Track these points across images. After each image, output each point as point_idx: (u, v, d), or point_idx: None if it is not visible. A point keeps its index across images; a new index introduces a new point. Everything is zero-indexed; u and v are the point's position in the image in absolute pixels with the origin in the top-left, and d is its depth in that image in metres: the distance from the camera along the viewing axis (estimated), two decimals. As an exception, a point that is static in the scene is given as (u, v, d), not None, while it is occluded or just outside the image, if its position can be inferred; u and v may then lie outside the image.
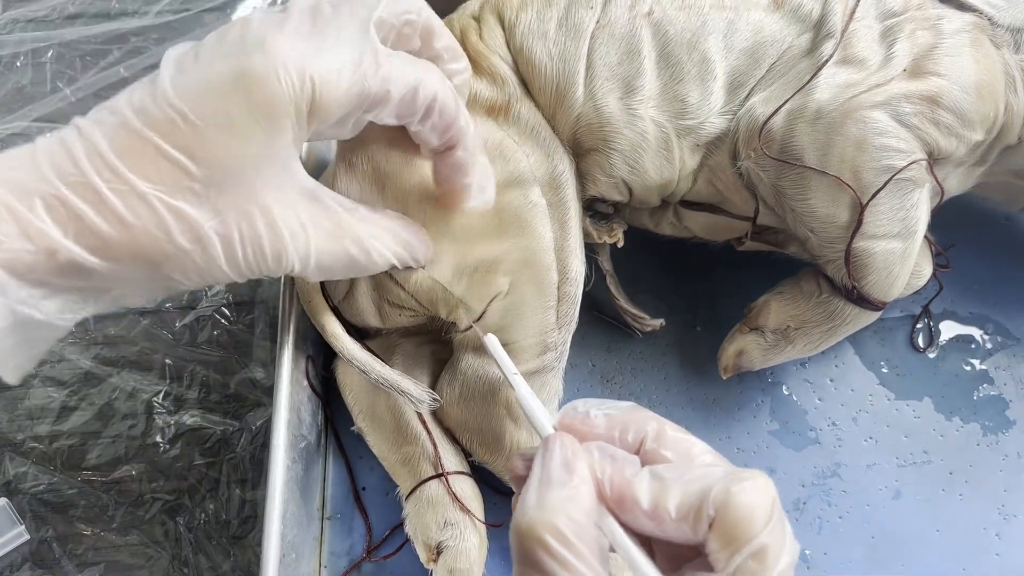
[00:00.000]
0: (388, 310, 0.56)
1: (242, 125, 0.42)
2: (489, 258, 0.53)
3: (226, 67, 0.42)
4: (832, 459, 0.61)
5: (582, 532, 0.35)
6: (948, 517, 0.59)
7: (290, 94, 0.42)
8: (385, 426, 0.58)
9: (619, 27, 0.55)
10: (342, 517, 0.60)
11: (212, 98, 0.42)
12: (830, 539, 0.59)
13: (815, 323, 0.57)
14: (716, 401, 0.62)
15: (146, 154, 0.42)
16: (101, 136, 0.42)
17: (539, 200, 0.54)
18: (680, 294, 0.66)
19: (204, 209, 0.43)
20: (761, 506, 0.35)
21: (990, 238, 0.67)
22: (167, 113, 0.42)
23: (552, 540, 0.35)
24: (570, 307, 0.55)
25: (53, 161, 0.41)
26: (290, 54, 0.42)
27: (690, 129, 0.55)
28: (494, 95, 0.55)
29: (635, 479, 0.37)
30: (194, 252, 0.43)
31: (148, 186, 0.42)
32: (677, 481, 0.36)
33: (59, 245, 0.40)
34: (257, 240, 0.44)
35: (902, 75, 0.53)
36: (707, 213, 0.59)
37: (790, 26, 0.55)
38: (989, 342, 0.64)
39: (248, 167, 0.43)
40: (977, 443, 0.61)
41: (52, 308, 0.42)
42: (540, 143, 0.55)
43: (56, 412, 0.65)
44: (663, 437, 0.39)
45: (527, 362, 0.54)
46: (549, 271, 0.54)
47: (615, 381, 0.63)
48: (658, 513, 0.36)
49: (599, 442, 0.39)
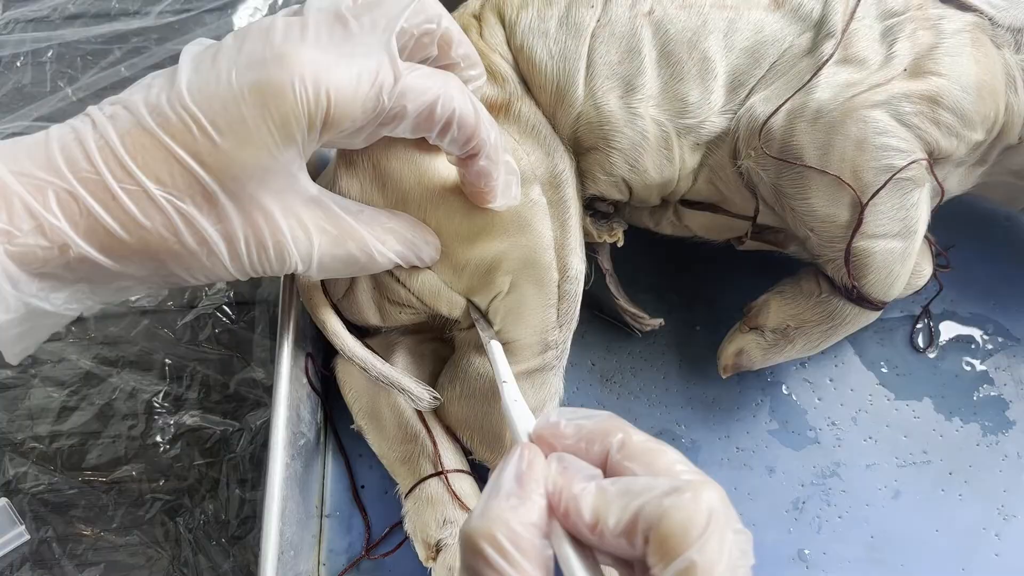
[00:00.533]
0: (389, 308, 0.56)
1: (255, 135, 0.43)
2: (489, 257, 0.53)
3: (244, 77, 0.42)
4: (831, 459, 0.61)
5: (521, 542, 0.35)
6: (947, 517, 0.59)
7: (305, 109, 0.43)
8: (385, 424, 0.58)
9: (620, 26, 0.55)
10: (341, 515, 0.60)
11: (227, 106, 0.42)
12: (829, 538, 0.58)
13: (815, 323, 0.57)
14: (716, 400, 0.62)
15: (158, 156, 0.42)
16: (115, 133, 0.42)
17: (539, 198, 0.54)
18: (680, 293, 0.66)
19: (212, 213, 0.43)
20: (693, 520, 0.34)
21: (991, 239, 0.67)
22: (181, 116, 0.42)
23: (489, 548, 0.35)
24: (571, 305, 0.55)
25: (67, 154, 0.42)
26: (308, 67, 0.42)
27: (690, 128, 0.55)
28: (494, 93, 0.56)
29: (581, 493, 0.36)
30: (200, 253, 0.44)
31: (159, 188, 0.42)
32: (621, 495, 0.35)
33: (71, 242, 0.41)
34: (262, 244, 0.45)
35: (903, 75, 0.53)
36: (707, 212, 0.59)
37: (791, 25, 0.55)
38: (989, 343, 0.64)
39: (257, 175, 0.44)
40: (977, 443, 0.61)
41: (60, 300, 0.43)
42: (540, 141, 0.55)
43: (56, 412, 0.65)
44: (627, 447, 0.38)
45: (528, 360, 0.55)
46: (549, 269, 0.54)
47: (614, 380, 0.63)
48: (599, 528, 0.35)
49: (561, 454, 0.39)
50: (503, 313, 0.54)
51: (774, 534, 0.58)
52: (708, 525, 0.34)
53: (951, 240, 0.65)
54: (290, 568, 0.53)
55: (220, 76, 0.43)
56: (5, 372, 0.66)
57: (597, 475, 0.37)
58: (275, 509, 0.51)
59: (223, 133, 0.42)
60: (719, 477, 0.58)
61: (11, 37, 0.78)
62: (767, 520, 0.59)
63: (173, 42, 0.78)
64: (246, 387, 0.65)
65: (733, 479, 0.60)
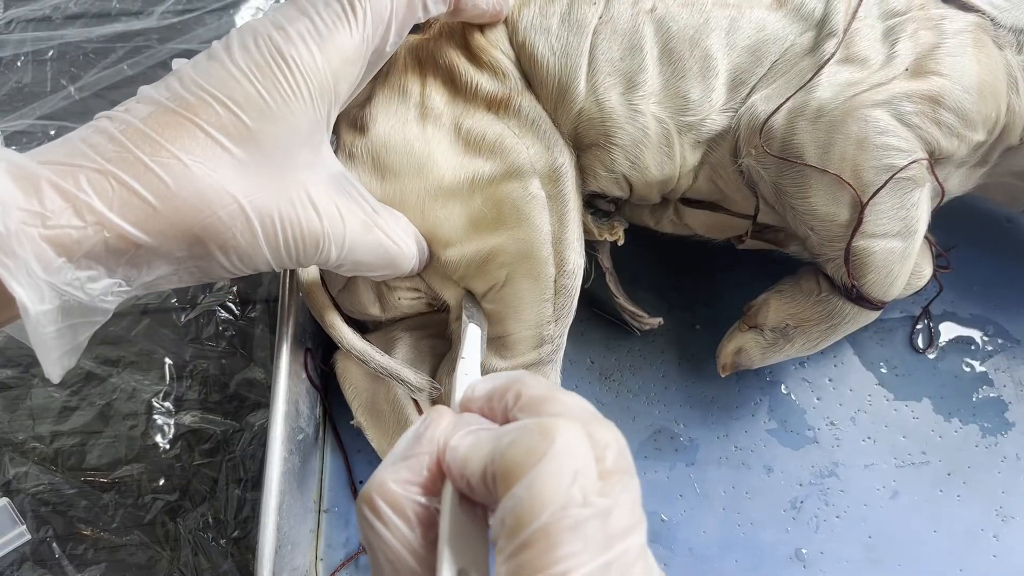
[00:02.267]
0: (388, 295, 0.56)
1: (273, 108, 0.43)
2: (486, 249, 0.53)
3: (247, 59, 0.43)
4: (830, 458, 0.61)
5: (395, 500, 0.34)
6: (946, 518, 0.59)
7: (315, 76, 0.44)
8: (385, 420, 0.58)
9: (622, 23, 0.55)
10: (339, 510, 0.60)
11: (241, 83, 0.43)
12: (827, 538, 0.58)
13: (814, 322, 0.57)
14: (714, 399, 0.62)
15: (184, 129, 0.42)
16: (136, 118, 0.42)
17: (538, 192, 0.54)
18: (679, 292, 0.66)
19: (243, 183, 0.43)
20: (528, 456, 0.31)
21: (991, 240, 0.67)
22: (199, 96, 0.43)
23: (366, 509, 0.34)
24: (567, 300, 0.55)
25: (91, 142, 0.41)
26: (308, 35, 0.45)
27: (691, 126, 0.55)
28: (495, 89, 0.56)
29: (458, 443, 0.35)
30: (235, 227, 0.43)
31: (189, 158, 0.42)
32: (490, 441, 0.33)
33: (104, 219, 0.40)
34: (295, 221, 0.45)
35: (904, 74, 0.53)
36: (707, 211, 0.59)
37: (792, 24, 0.55)
38: (989, 344, 0.64)
39: (282, 147, 0.44)
40: (976, 444, 0.61)
41: (97, 290, 0.41)
42: (540, 135, 0.55)
43: (57, 412, 0.65)
44: (522, 399, 0.35)
45: (523, 355, 0.55)
46: (546, 264, 0.54)
47: (613, 378, 0.63)
48: (465, 477, 0.33)
49: (464, 414, 0.37)
50: (499, 306, 0.54)
51: (772, 533, 0.58)
52: (543, 460, 0.31)
53: (952, 241, 0.65)
54: (287, 563, 0.53)
55: (224, 63, 0.43)
56: (6, 372, 0.66)
57: (475, 429, 0.35)
58: (272, 504, 0.51)
59: (243, 108, 0.43)
60: (717, 476, 0.59)
61: (12, 36, 0.78)
62: (765, 519, 0.59)
63: (175, 41, 0.79)
64: (246, 388, 0.65)
65: (731, 478, 0.60)
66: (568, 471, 0.31)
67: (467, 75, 0.56)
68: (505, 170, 0.54)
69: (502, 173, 0.54)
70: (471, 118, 0.55)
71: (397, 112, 0.55)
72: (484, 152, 0.54)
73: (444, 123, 0.55)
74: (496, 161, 0.54)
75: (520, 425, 0.33)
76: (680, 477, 0.60)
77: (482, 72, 0.56)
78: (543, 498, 0.30)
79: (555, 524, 0.30)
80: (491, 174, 0.54)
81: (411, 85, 0.57)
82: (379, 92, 0.56)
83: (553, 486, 0.30)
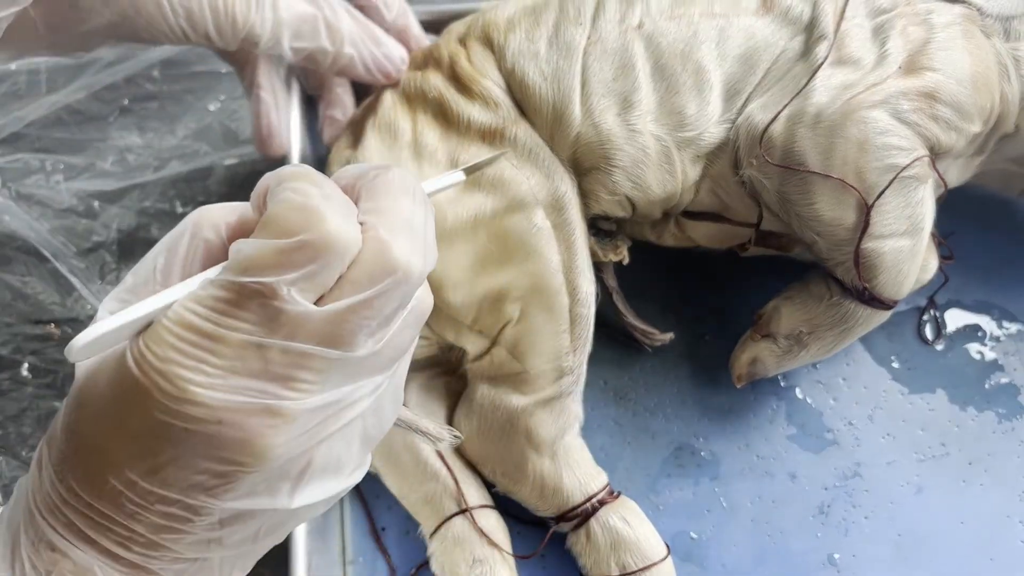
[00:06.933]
0: None
1: None
2: (497, 287, 0.52)
3: None
4: (852, 459, 0.60)
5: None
6: (971, 508, 0.59)
7: None
8: (402, 465, 0.57)
9: (611, 42, 0.54)
10: (365, 560, 0.58)
11: None
12: (857, 541, 0.58)
13: (828, 326, 0.56)
14: (732, 409, 0.62)
15: None
16: None
17: (543, 223, 0.53)
18: (687, 305, 0.65)
19: None
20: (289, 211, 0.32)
21: (988, 222, 0.67)
22: None
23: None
24: (583, 329, 0.54)
25: None
26: None
27: (690, 140, 0.54)
28: (488, 120, 0.55)
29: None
30: None
31: None
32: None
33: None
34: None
35: (897, 72, 0.52)
36: (710, 222, 0.59)
37: (781, 29, 0.55)
38: (996, 329, 0.64)
39: None
40: (993, 431, 0.61)
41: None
42: (539, 165, 0.54)
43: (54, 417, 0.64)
44: (365, 178, 0.36)
45: (543, 389, 0.54)
46: (559, 294, 0.53)
47: (629, 398, 0.62)
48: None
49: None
50: (515, 343, 0.53)
51: (803, 541, 0.58)
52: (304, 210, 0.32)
53: (949, 228, 0.65)
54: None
55: None
56: (2, 375, 0.64)
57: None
58: (301, 564, 0.50)
59: None
60: (742, 488, 0.59)
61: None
62: (794, 528, 0.58)
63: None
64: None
65: (756, 488, 0.59)
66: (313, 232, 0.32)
67: (458, 107, 0.55)
68: (507, 203, 0.53)
69: (504, 207, 0.53)
70: (466, 152, 0.54)
71: (390, 152, 0.54)
72: (484, 187, 0.53)
73: (439, 160, 0.54)
74: (497, 195, 0.53)
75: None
76: (705, 493, 0.59)
77: (473, 103, 0.55)
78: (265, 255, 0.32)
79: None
80: (493, 209, 0.53)
81: (402, 123, 0.55)
82: (370, 133, 0.55)
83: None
